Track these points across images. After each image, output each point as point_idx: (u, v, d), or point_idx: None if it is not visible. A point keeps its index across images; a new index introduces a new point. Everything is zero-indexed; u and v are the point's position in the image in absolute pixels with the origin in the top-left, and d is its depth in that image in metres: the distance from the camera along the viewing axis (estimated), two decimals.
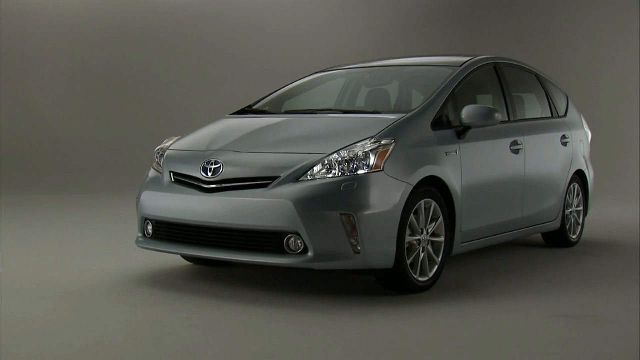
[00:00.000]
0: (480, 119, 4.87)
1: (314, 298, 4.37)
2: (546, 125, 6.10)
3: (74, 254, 5.90)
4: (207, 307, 4.17)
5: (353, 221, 4.11)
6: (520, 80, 6.16)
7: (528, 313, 4.11)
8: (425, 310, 4.12)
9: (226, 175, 4.39)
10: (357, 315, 4.01)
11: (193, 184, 4.51)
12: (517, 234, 5.64)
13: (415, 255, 4.45)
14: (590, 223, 7.29)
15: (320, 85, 5.99)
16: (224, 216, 4.30)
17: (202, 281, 4.84)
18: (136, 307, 4.19)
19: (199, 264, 5.34)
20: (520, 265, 5.55)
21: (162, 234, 4.69)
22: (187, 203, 4.46)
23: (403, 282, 4.40)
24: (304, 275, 4.97)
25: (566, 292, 4.65)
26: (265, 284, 4.77)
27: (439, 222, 4.59)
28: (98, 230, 7.17)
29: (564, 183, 6.13)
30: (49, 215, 8.26)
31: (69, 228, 7.34)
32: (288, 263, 4.19)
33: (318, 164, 4.26)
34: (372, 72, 5.93)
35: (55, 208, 9.00)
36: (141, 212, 4.78)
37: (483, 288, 4.73)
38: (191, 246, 4.51)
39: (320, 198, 4.14)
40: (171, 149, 4.92)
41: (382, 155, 4.29)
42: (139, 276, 4.98)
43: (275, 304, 4.25)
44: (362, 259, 4.16)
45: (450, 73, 5.19)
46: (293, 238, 4.17)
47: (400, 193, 4.28)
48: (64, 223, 7.70)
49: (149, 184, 4.81)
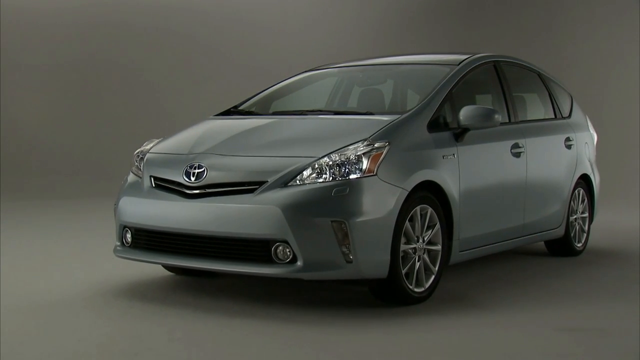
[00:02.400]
0: (479, 120, 4.90)
1: (303, 310, 4.38)
2: (549, 126, 6.14)
3: (47, 263, 5.89)
4: (189, 320, 4.17)
5: (345, 228, 4.12)
6: (522, 79, 6.20)
7: (529, 326, 4.13)
8: (421, 323, 4.14)
9: (210, 180, 4.40)
10: (348, 329, 4.02)
11: (175, 189, 4.52)
12: (519, 242, 5.66)
13: (411, 264, 4.47)
14: (596, 230, 7.33)
15: (310, 85, 6.01)
16: (208, 223, 4.31)
17: (184, 292, 4.84)
18: (113, 321, 4.19)
19: (180, 274, 5.34)
20: (522, 275, 5.58)
21: (141, 243, 4.69)
22: (169, 209, 4.46)
23: (397, 293, 4.41)
24: (293, 286, 4.98)
25: (570, 304, 4.68)
26: (252, 295, 4.77)
27: (436, 230, 4.61)
28: (73, 239, 7.16)
29: (568, 188, 6.17)
30: (20, 223, 8.24)
31: (42, 236, 7.32)
32: (276, 273, 4.20)
33: (308, 168, 4.27)
34: (365, 71, 5.96)
35: (27, 215, 8.98)
36: (119, 219, 4.78)
37: (482, 299, 4.76)
38: (173, 255, 4.51)
39: (310, 204, 4.15)
40: (151, 152, 4.93)
41: (376, 158, 4.31)
42: (117, 287, 4.98)
43: (262, 316, 4.25)
44: (354, 268, 4.17)
45: (447, 72, 5.22)
46: (281, 246, 4.18)
47: (395, 199, 4.30)
48: (36, 231, 7.68)
49: (128, 189, 4.82)
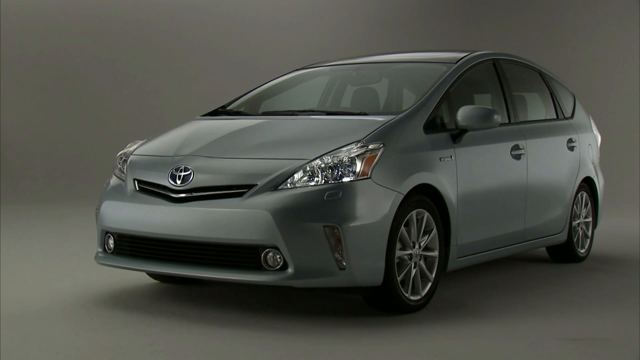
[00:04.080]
0: (478, 120, 4.90)
1: (295, 320, 4.37)
2: (551, 127, 6.15)
3: (24, 271, 5.86)
4: (174, 331, 4.16)
5: (337, 234, 4.12)
6: (522, 78, 6.22)
7: (530, 336, 4.14)
8: (417, 333, 4.14)
9: (197, 183, 4.40)
10: (341, 339, 4.02)
11: (160, 192, 4.51)
12: (519, 247, 5.67)
13: (406, 271, 4.47)
14: (600, 235, 7.35)
15: (302, 84, 6.01)
16: (195, 229, 4.31)
17: (170, 301, 4.83)
18: (95, 331, 4.18)
19: (166, 282, 5.33)
20: (522, 283, 5.59)
21: (124, 249, 4.68)
22: (153, 214, 4.46)
23: (393, 302, 4.41)
24: (284, 294, 4.97)
25: (573, 313, 4.69)
26: (240, 303, 4.77)
27: (432, 235, 4.62)
28: (52, 245, 7.14)
29: (571, 191, 6.18)
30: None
31: (18, 243, 7.29)
32: (265, 280, 4.19)
33: (299, 171, 4.27)
34: (359, 69, 5.96)
35: (2, 221, 8.94)
36: (101, 225, 4.76)
37: (481, 308, 4.76)
38: (157, 262, 4.50)
39: (301, 208, 4.15)
40: (135, 154, 4.92)
41: (370, 161, 4.31)
42: (98, 296, 4.96)
43: (251, 326, 4.25)
44: (347, 275, 4.17)
45: (444, 70, 5.23)
46: (271, 253, 4.18)
47: (390, 203, 4.30)
48: (12, 237, 7.65)
49: (110, 193, 4.81)
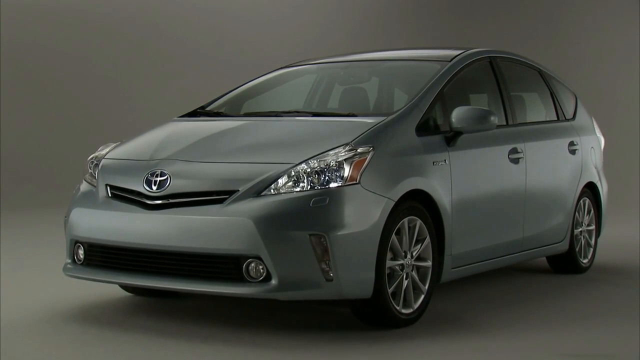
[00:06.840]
0: (474, 122, 4.93)
1: (279, 334, 4.38)
2: (551, 129, 6.18)
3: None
4: (149, 347, 4.16)
5: (324, 243, 4.13)
6: (521, 77, 6.24)
7: (530, 352, 4.16)
8: (409, 348, 4.15)
9: (174, 189, 4.39)
10: (329, 354, 4.03)
11: (134, 199, 4.51)
12: (518, 257, 5.70)
13: (398, 282, 4.48)
14: (603, 244, 7.37)
15: (286, 83, 6.02)
16: (171, 238, 4.30)
17: (145, 316, 4.82)
18: (63, 349, 4.16)
19: (140, 295, 5.32)
20: (521, 295, 5.61)
21: (95, 260, 4.67)
22: (127, 222, 4.45)
23: (383, 315, 4.42)
24: (267, 307, 4.98)
25: (575, 327, 4.71)
26: (221, 318, 4.77)
27: (425, 244, 4.64)
28: (16, 256, 7.10)
29: (573, 198, 6.21)
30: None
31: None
32: (248, 293, 4.20)
33: (283, 176, 4.28)
34: (347, 68, 5.98)
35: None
36: (70, 234, 4.75)
37: (477, 322, 4.78)
38: (131, 274, 4.49)
39: (286, 216, 4.16)
40: (107, 158, 4.91)
41: (359, 165, 4.32)
42: (67, 311, 4.95)
43: (232, 342, 4.25)
44: (334, 287, 4.18)
45: (438, 69, 5.25)
46: (253, 263, 4.19)
47: (380, 210, 4.31)
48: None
49: (80, 199, 4.80)
